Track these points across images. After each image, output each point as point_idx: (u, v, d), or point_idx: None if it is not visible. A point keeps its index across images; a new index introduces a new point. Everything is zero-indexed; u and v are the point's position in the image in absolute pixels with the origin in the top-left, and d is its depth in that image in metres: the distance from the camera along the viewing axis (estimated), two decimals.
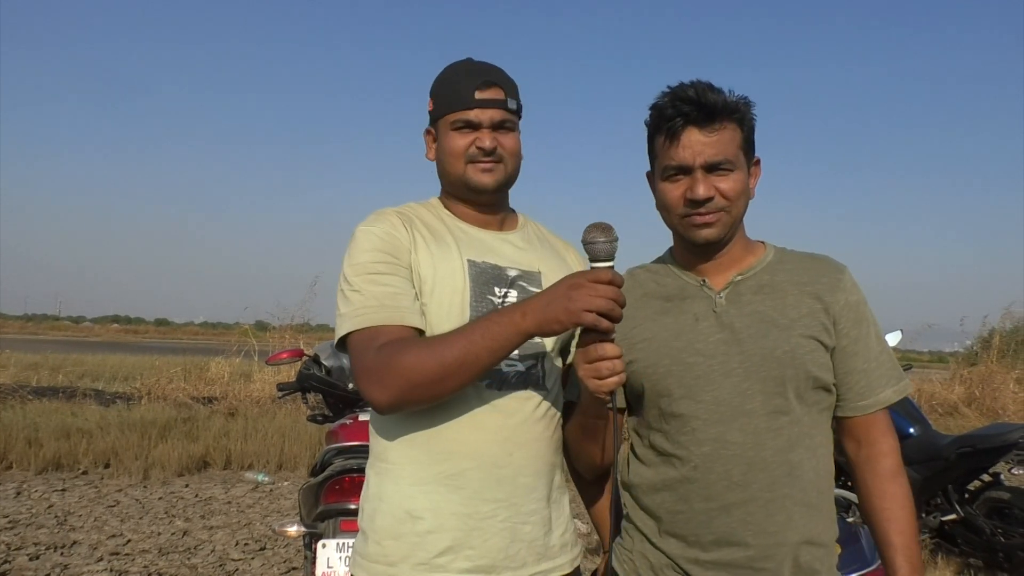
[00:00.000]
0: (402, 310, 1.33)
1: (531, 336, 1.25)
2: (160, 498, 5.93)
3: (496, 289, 1.45)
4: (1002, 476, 4.55)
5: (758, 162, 1.40)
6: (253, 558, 4.60)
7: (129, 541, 4.80)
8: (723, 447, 1.29)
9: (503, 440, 1.37)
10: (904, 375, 1.40)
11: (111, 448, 6.98)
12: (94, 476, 6.62)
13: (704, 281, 1.39)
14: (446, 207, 1.53)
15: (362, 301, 1.34)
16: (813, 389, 1.31)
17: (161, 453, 6.92)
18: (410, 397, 1.27)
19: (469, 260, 1.44)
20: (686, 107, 1.28)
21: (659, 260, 1.49)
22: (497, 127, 1.47)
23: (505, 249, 1.51)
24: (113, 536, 4.88)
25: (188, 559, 4.50)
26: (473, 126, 1.45)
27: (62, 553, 4.51)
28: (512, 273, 1.48)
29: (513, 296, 1.45)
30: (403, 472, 1.38)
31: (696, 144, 1.29)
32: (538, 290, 1.45)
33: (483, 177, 1.46)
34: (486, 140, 1.44)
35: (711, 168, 1.29)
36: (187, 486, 6.40)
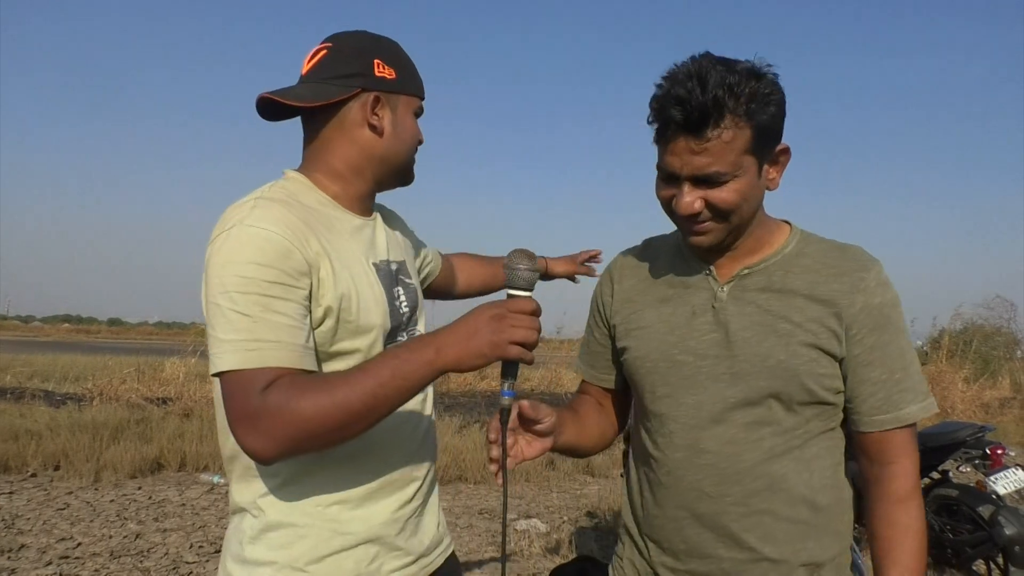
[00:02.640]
0: (300, 350, 1.14)
1: (446, 372, 1.13)
2: (112, 501, 5.79)
3: (395, 291, 1.37)
4: (951, 474, 4.67)
5: (784, 151, 1.21)
6: (208, 560, 4.51)
7: (79, 544, 4.68)
8: (696, 455, 1.23)
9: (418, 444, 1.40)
10: (930, 393, 1.23)
11: (61, 450, 6.78)
12: (43, 479, 6.43)
13: (710, 271, 1.28)
14: (325, 191, 1.32)
15: (254, 331, 1.11)
16: (807, 403, 1.20)
17: (113, 455, 6.75)
18: (303, 447, 1.11)
19: (374, 264, 1.33)
20: (675, 111, 1.11)
21: (675, 235, 1.37)
22: None
23: (380, 238, 1.40)
24: (63, 539, 4.75)
25: (140, 562, 4.40)
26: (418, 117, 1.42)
27: (9, 557, 4.38)
28: (394, 267, 1.40)
29: (403, 298, 1.39)
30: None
31: (684, 153, 1.13)
32: (411, 282, 1.42)
33: (412, 173, 1.44)
34: (422, 135, 1.42)
35: (700, 180, 1.15)
36: (140, 488, 6.25)
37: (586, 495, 6.39)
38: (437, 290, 1.78)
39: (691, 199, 1.16)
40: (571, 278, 2.07)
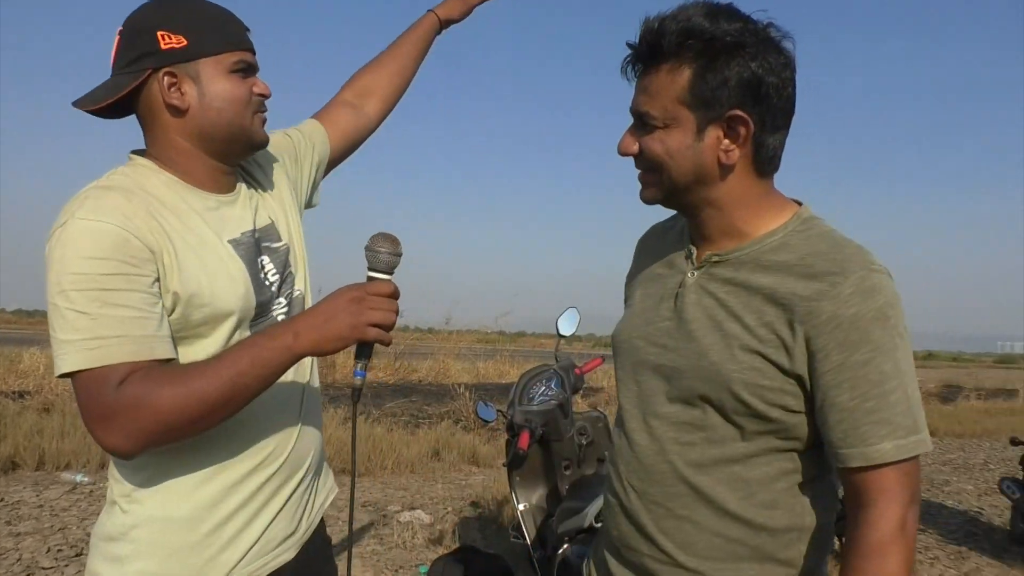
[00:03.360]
0: (150, 340, 1.11)
1: (305, 356, 1.14)
2: None
3: (259, 261, 1.31)
4: None
5: (739, 119, 1.06)
6: (67, 565, 4.24)
7: None
8: (630, 445, 1.20)
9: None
10: (922, 428, 1.02)
11: None
12: None
13: (691, 252, 1.21)
14: (173, 172, 1.25)
15: (94, 329, 1.08)
16: (745, 415, 1.07)
17: None
18: (162, 440, 1.10)
19: (230, 240, 1.27)
20: (642, 39, 1.08)
21: None
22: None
23: (238, 211, 1.32)
24: None
25: None
26: (253, 70, 1.29)
27: None
28: (257, 236, 1.33)
29: (271, 265, 1.33)
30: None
31: (636, 87, 1.12)
32: (279, 245, 1.36)
33: (264, 131, 1.31)
34: (265, 87, 1.29)
35: (639, 120, 1.12)
36: None
37: (471, 485, 6.41)
38: (350, 145, 1.66)
39: (628, 139, 1.13)
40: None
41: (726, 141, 1.08)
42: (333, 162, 1.63)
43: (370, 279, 1.16)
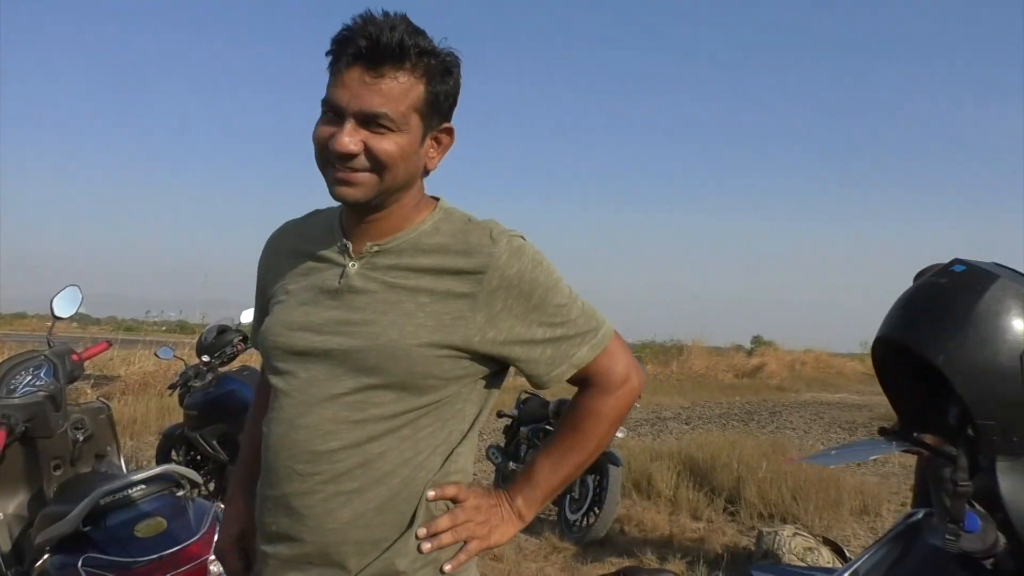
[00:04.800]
0: None
1: None
2: None
3: None
4: None
5: (449, 131, 1.23)
6: None
7: None
8: (294, 430, 1.18)
9: None
10: (603, 323, 1.26)
11: None
12: None
13: (347, 245, 1.24)
14: None
15: None
16: (423, 388, 1.17)
17: None
18: None
19: None
20: (361, 40, 1.10)
21: (339, 207, 1.31)
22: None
23: None
24: None
25: None
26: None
27: None
28: None
29: None
30: None
31: (356, 85, 1.11)
32: None
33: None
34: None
35: (367, 120, 1.12)
36: None
37: None
38: None
39: (352, 138, 1.12)
40: None
41: (433, 149, 1.22)
42: None
43: None
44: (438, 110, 1.19)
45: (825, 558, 4.37)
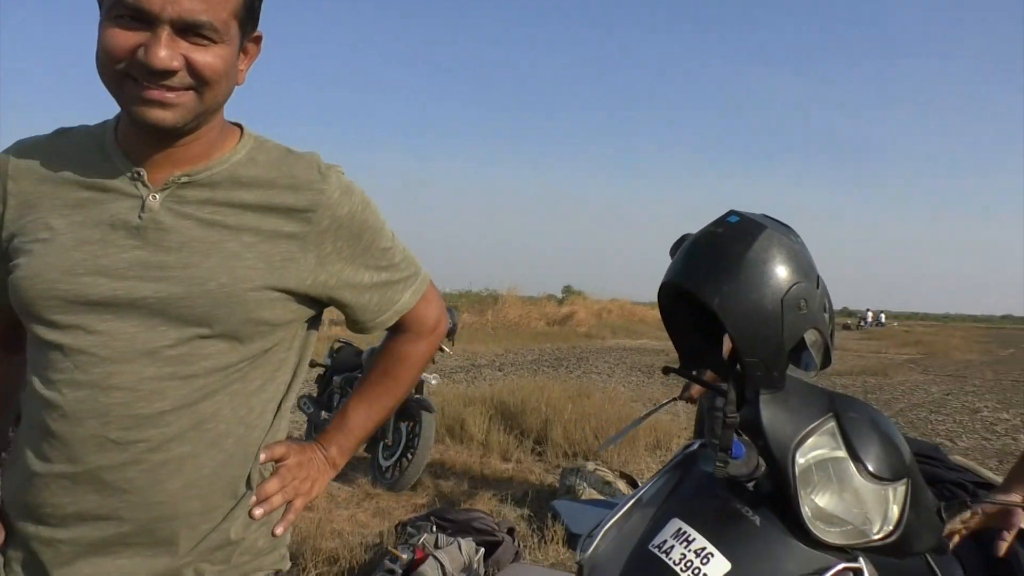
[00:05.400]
0: None
1: None
2: None
3: None
4: None
5: (258, 40, 1.08)
6: None
7: None
8: (104, 393, 0.99)
9: None
10: (421, 268, 1.26)
11: None
12: None
13: (139, 174, 1.04)
14: None
15: None
16: (255, 335, 1.06)
17: None
18: None
19: None
20: None
21: (100, 126, 1.10)
22: None
23: None
24: None
25: None
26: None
27: None
28: None
29: None
30: None
31: None
32: None
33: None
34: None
35: (185, 29, 0.94)
36: None
37: None
38: None
39: (171, 52, 0.94)
40: None
41: (243, 61, 1.07)
42: None
43: None
44: (253, 15, 1.04)
45: (622, 489, 4.73)
